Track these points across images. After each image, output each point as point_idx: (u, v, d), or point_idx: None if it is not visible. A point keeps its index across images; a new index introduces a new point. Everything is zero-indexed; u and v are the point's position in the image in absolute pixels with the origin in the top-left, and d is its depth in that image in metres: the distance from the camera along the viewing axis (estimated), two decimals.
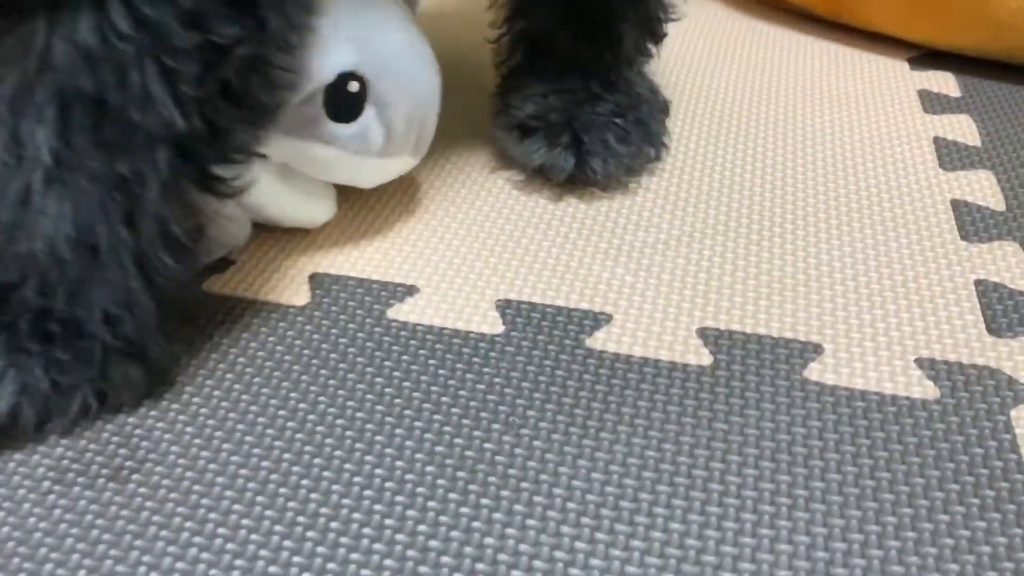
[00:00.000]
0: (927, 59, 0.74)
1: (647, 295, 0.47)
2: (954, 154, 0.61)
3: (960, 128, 0.64)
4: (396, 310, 0.46)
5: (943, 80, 0.71)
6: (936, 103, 0.67)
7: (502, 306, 0.46)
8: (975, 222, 0.54)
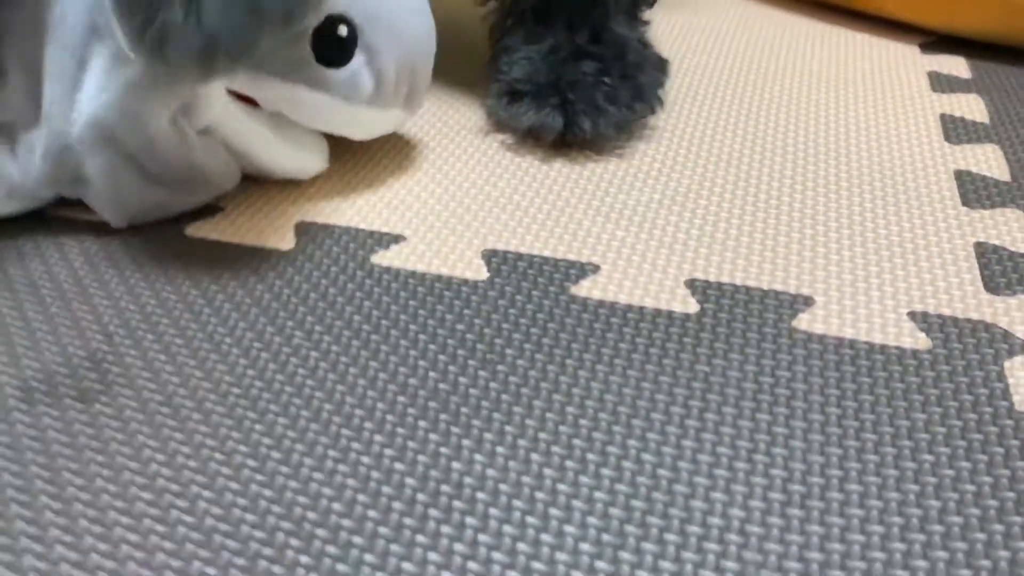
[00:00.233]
0: (939, 44, 0.73)
1: (636, 248, 0.46)
2: (960, 129, 0.60)
3: (968, 106, 0.63)
4: (381, 256, 0.45)
5: (954, 63, 0.70)
6: (945, 83, 0.66)
7: (488, 255, 0.46)
8: (978, 191, 0.53)
